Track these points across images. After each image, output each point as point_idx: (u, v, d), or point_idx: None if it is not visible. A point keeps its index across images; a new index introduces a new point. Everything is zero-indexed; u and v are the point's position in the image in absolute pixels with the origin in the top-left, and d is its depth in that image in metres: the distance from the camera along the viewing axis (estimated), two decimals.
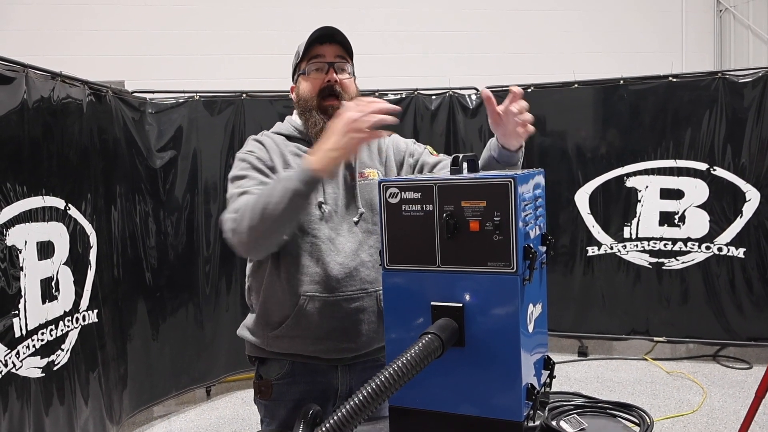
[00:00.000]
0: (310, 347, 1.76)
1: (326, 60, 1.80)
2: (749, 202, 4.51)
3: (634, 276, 4.84)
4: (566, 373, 4.69)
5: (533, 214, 1.37)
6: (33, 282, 2.89)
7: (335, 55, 1.82)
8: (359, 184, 1.81)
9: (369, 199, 1.81)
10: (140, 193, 4.07)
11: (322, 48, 1.80)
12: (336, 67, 1.80)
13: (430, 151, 1.93)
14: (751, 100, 4.47)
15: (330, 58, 1.81)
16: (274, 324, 1.78)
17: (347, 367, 1.80)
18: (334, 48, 1.82)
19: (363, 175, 1.83)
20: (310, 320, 1.73)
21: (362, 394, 1.14)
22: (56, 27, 6.27)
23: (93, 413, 3.35)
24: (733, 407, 3.98)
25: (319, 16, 6.63)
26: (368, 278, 1.76)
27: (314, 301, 1.72)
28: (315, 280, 1.73)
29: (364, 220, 1.80)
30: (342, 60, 1.83)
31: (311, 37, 1.80)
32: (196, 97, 4.35)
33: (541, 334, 1.46)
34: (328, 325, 1.74)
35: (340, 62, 1.82)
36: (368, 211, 1.81)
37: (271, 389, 1.81)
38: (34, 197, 2.92)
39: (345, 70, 1.83)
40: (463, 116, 5.05)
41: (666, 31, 7.43)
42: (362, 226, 1.80)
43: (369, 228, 1.80)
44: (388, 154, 1.90)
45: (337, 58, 1.82)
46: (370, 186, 1.82)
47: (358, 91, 1.87)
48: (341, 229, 1.77)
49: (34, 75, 2.99)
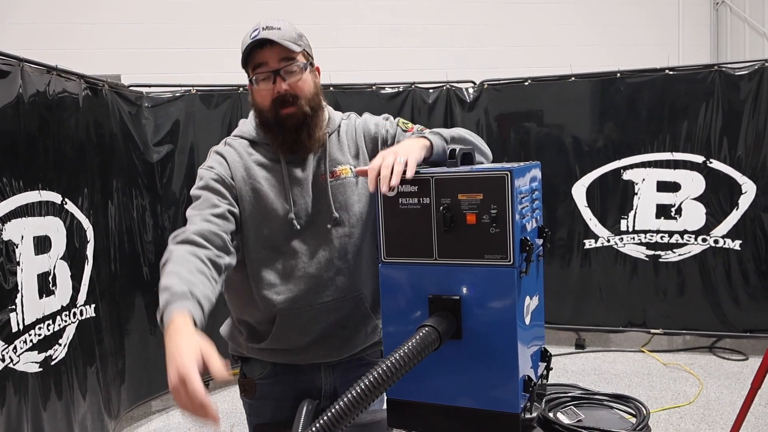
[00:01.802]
0: (292, 357, 1.74)
1: (270, 68, 1.61)
2: (745, 194, 4.52)
3: (630, 268, 4.85)
4: (563, 366, 4.70)
5: (530, 206, 1.37)
6: (30, 277, 2.89)
7: (279, 59, 1.61)
8: (331, 186, 1.69)
9: (343, 200, 1.69)
10: (137, 187, 4.06)
11: (263, 53, 1.60)
12: (282, 73, 1.61)
13: (403, 128, 1.77)
14: (748, 92, 4.48)
15: (273, 64, 1.61)
16: (252, 338, 1.75)
17: (330, 368, 1.78)
18: (276, 50, 1.60)
19: (335, 174, 1.70)
20: (289, 336, 1.70)
21: (361, 386, 1.15)
22: (52, 21, 6.24)
23: (91, 408, 3.35)
24: (729, 398, 4.00)
25: (318, 9, 6.67)
26: (344, 285, 1.70)
27: (291, 317, 1.68)
28: (289, 297, 1.67)
29: (339, 225, 1.68)
30: (287, 61, 1.61)
31: (246, 47, 1.61)
32: (193, 91, 4.35)
33: (537, 327, 1.47)
34: (309, 337, 1.70)
35: (286, 65, 1.61)
36: (344, 213, 1.69)
37: (254, 388, 1.79)
38: (30, 192, 2.91)
39: (294, 72, 1.62)
40: (460, 110, 5.05)
41: (663, 24, 7.43)
42: (337, 231, 1.68)
43: (346, 232, 1.69)
44: (359, 144, 1.75)
45: (282, 62, 1.61)
46: (344, 185, 1.70)
47: (317, 79, 1.70)
48: (314, 239, 1.68)
49: (30, 69, 2.98)
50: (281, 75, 1.61)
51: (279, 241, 1.66)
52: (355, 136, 1.76)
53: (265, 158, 1.69)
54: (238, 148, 1.71)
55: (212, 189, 1.63)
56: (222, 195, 1.63)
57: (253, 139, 1.71)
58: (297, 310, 1.67)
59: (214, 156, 1.71)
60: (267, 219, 1.66)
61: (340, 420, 1.14)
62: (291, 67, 1.62)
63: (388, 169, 1.36)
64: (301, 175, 1.68)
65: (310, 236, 1.67)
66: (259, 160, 1.69)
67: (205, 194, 1.62)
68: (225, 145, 1.73)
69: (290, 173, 1.68)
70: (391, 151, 1.42)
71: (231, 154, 1.69)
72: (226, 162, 1.68)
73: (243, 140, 1.73)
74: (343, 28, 6.81)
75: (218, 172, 1.65)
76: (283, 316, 1.67)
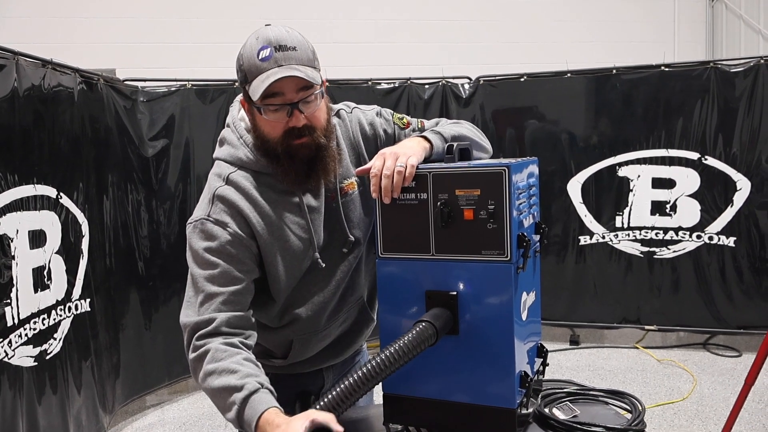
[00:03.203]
0: (299, 368, 1.72)
1: (287, 100, 1.40)
2: (740, 191, 4.53)
3: (625, 265, 4.86)
4: (558, 362, 4.72)
5: (527, 202, 1.37)
6: (25, 271, 2.88)
7: (297, 89, 1.40)
8: (342, 204, 1.57)
9: (356, 219, 1.59)
10: (132, 182, 4.05)
11: (278, 83, 1.38)
12: (300, 105, 1.42)
13: (400, 125, 1.65)
14: (743, 89, 4.49)
15: (291, 95, 1.40)
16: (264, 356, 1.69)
17: (331, 367, 1.78)
18: (295, 79, 1.39)
19: (343, 191, 1.57)
20: (299, 353, 1.67)
21: (354, 378, 1.15)
22: (48, 15, 6.22)
23: (86, 402, 3.34)
24: (722, 394, 4.01)
25: (314, 4, 6.65)
26: (352, 296, 1.67)
27: (307, 340, 1.65)
28: (308, 325, 1.62)
29: (356, 245, 1.59)
30: (306, 91, 1.41)
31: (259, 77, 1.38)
32: (188, 86, 4.33)
33: (534, 323, 1.47)
34: (317, 349, 1.69)
35: (305, 95, 1.41)
36: (358, 232, 1.59)
37: None
38: (25, 186, 2.90)
39: (311, 102, 1.43)
40: (456, 105, 5.05)
41: (658, 21, 7.44)
42: (355, 252, 1.60)
43: (362, 250, 1.62)
44: (359, 151, 1.62)
45: (300, 92, 1.41)
46: (354, 201, 1.59)
47: (327, 99, 1.52)
48: (329, 262, 1.57)
49: (25, 63, 2.97)
50: (299, 108, 1.42)
51: (301, 277, 1.56)
52: (352, 140, 1.62)
53: (275, 191, 1.49)
54: (245, 187, 1.47)
55: (229, 256, 1.43)
56: (241, 263, 1.45)
57: (259, 170, 1.49)
58: (314, 332, 1.64)
59: (219, 204, 1.46)
60: (289, 261, 1.52)
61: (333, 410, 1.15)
62: (309, 98, 1.42)
63: (388, 180, 1.34)
64: (315, 203, 1.53)
65: (327, 260, 1.56)
66: (271, 196, 1.49)
67: (222, 265, 1.43)
68: (227, 185, 1.48)
69: (308, 204, 1.52)
70: (391, 153, 1.38)
71: (239, 200, 1.46)
72: (238, 213, 1.46)
73: (245, 172, 1.49)
74: (339, 23, 6.80)
75: (233, 231, 1.44)
76: (300, 340, 1.64)
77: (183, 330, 1.45)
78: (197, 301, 1.43)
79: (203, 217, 1.46)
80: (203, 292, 1.43)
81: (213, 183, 1.50)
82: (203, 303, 1.42)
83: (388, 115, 1.67)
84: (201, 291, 1.43)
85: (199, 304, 1.43)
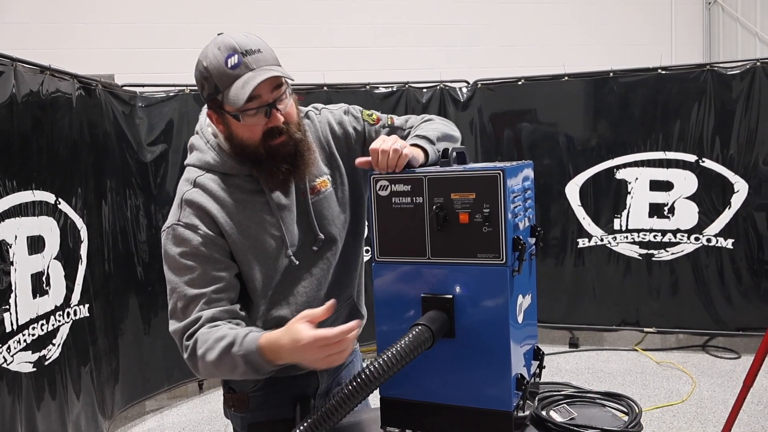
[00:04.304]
0: (292, 371, 1.64)
1: (264, 102, 1.43)
2: (737, 193, 4.54)
3: (624, 267, 4.87)
4: (557, 365, 4.72)
5: (522, 206, 1.38)
6: (23, 277, 2.88)
7: (271, 89, 1.43)
8: (314, 203, 1.58)
9: (330, 216, 1.60)
10: (131, 187, 4.05)
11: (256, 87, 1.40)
12: (277, 103, 1.45)
13: (370, 122, 1.66)
14: (740, 92, 4.50)
15: (267, 96, 1.42)
16: None
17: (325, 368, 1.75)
18: (269, 81, 1.41)
19: (315, 190, 1.58)
20: None
21: (353, 384, 1.15)
22: (46, 21, 6.22)
23: (85, 408, 3.34)
24: (721, 396, 4.02)
25: (311, 9, 6.66)
26: (340, 295, 1.64)
27: None
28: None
29: (328, 242, 1.60)
30: (278, 89, 1.44)
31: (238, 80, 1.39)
32: (187, 91, 4.34)
33: (530, 325, 1.47)
34: None
35: (278, 95, 1.45)
36: (332, 228, 1.60)
37: (248, 401, 1.66)
38: (23, 191, 2.91)
39: (284, 99, 1.47)
40: (454, 109, 5.06)
41: (656, 24, 7.46)
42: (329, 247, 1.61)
43: (337, 247, 1.62)
44: (329, 150, 1.63)
45: (274, 92, 1.44)
46: (327, 200, 1.60)
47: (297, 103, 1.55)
48: (306, 260, 1.58)
49: (23, 69, 2.98)
50: (276, 107, 1.45)
51: (276, 276, 1.55)
52: (321, 140, 1.63)
53: (243, 192, 1.51)
54: (212, 189, 1.49)
55: (204, 258, 1.45)
56: (218, 262, 1.47)
57: (225, 172, 1.51)
58: None
59: (187, 209, 1.48)
60: (263, 261, 1.53)
61: (330, 417, 1.15)
62: (283, 96, 1.46)
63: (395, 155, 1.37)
64: (285, 201, 1.54)
65: (302, 259, 1.57)
66: (239, 197, 1.50)
67: (198, 268, 1.45)
68: (194, 188, 1.50)
69: (278, 203, 1.54)
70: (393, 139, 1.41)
71: (207, 201, 1.48)
72: (206, 214, 1.47)
73: (213, 175, 1.51)
74: (337, 28, 6.81)
75: (204, 233, 1.46)
76: None
77: (175, 339, 1.47)
78: (180, 307, 1.46)
79: (174, 222, 1.48)
80: (185, 297, 1.45)
81: (182, 188, 1.53)
82: (187, 307, 1.45)
83: (357, 112, 1.69)
84: (182, 296, 1.45)
85: (182, 310, 1.45)
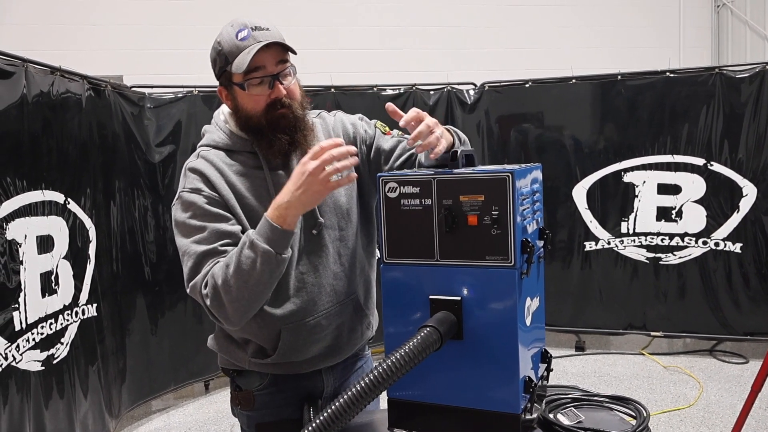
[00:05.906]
0: (296, 368, 1.68)
1: (268, 72, 1.54)
2: (746, 197, 4.52)
3: (631, 271, 4.86)
4: (564, 368, 4.71)
5: (531, 208, 1.38)
6: (33, 276, 2.90)
7: (276, 62, 1.55)
8: None
9: (331, 201, 1.64)
10: (139, 187, 4.07)
11: (259, 56, 1.51)
12: (280, 77, 1.56)
13: (382, 131, 1.73)
14: (748, 95, 4.48)
15: (271, 67, 1.54)
16: (258, 354, 1.66)
17: (330, 369, 1.75)
18: (273, 53, 1.53)
19: None
20: (294, 348, 1.63)
21: (361, 384, 1.16)
22: (55, 21, 6.26)
23: (92, 407, 3.36)
24: (729, 401, 4.00)
25: (319, 11, 6.68)
26: (342, 289, 1.67)
27: (295, 330, 1.62)
28: (290, 310, 1.60)
29: (328, 228, 1.64)
30: (283, 64, 1.56)
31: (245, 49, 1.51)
32: (195, 92, 4.36)
33: (538, 328, 1.47)
34: (312, 347, 1.66)
35: (283, 68, 1.56)
36: (332, 215, 1.64)
37: (253, 400, 1.70)
38: (33, 191, 2.92)
39: (288, 75, 1.58)
40: (461, 111, 5.06)
41: (664, 27, 7.44)
42: (330, 235, 1.64)
43: (337, 235, 1.65)
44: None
45: (279, 65, 1.55)
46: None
47: (301, 88, 1.64)
48: (306, 245, 1.61)
49: (34, 69, 3.00)
50: (279, 79, 1.55)
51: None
52: (331, 134, 1.70)
53: (246, 167, 1.61)
54: (215, 161, 1.60)
55: (211, 215, 1.54)
56: (225, 218, 1.54)
57: (230, 148, 1.62)
58: (299, 322, 1.61)
59: (191, 175, 1.59)
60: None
61: (338, 418, 1.15)
62: (287, 71, 1.57)
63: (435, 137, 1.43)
64: (285, 181, 1.54)
65: (300, 239, 1.60)
66: (240, 170, 1.60)
67: (208, 226, 1.52)
68: (199, 158, 1.62)
69: (275, 180, 1.60)
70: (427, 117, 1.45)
71: (209, 168, 1.59)
72: (209, 180, 1.57)
73: (218, 151, 1.62)
74: (344, 30, 6.82)
75: (207, 194, 1.56)
76: (287, 330, 1.61)
77: (195, 298, 1.53)
78: (192, 265, 1.52)
79: (180, 191, 1.60)
80: (195, 255, 1.51)
81: (187, 161, 1.65)
82: (200, 263, 1.51)
83: (371, 121, 1.79)
84: (193, 255, 1.51)
85: (194, 268, 1.51)
